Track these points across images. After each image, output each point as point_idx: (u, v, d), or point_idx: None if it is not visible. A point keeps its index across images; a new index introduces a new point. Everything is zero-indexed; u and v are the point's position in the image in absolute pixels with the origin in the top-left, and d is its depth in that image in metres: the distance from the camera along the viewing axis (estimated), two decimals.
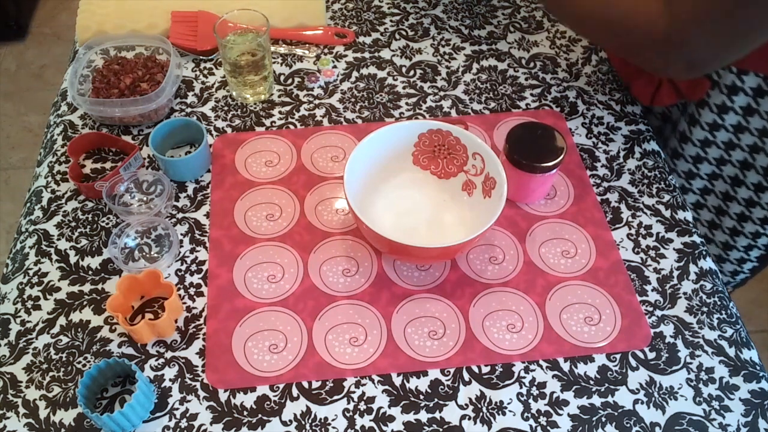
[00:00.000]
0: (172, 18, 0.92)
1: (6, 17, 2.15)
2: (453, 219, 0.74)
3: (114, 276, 0.70)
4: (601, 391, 0.64)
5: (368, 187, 0.73)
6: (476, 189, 0.72)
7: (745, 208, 0.81)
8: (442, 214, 0.74)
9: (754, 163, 0.77)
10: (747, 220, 0.82)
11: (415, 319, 0.68)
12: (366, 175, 0.72)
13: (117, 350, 0.65)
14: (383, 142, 0.72)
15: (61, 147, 0.82)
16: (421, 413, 0.62)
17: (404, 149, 0.75)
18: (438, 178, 0.76)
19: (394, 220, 0.73)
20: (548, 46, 0.94)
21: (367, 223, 0.63)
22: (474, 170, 0.72)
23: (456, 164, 0.74)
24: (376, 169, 0.73)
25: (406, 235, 0.63)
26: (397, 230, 0.70)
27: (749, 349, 0.67)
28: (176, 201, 0.76)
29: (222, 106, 0.86)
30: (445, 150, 0.74)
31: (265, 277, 0.70)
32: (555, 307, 0.69)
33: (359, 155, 0.69)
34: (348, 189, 0.66)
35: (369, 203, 0.72)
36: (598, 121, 0.85)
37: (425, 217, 0.74)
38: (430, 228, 0.73)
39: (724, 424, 0.62)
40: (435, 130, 0.73)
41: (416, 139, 0.74)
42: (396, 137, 0.73)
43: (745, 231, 0.84)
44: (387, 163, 0.74)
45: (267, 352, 0.65)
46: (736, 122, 0.75)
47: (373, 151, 0.72)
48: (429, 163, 0.76)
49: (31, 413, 0.62)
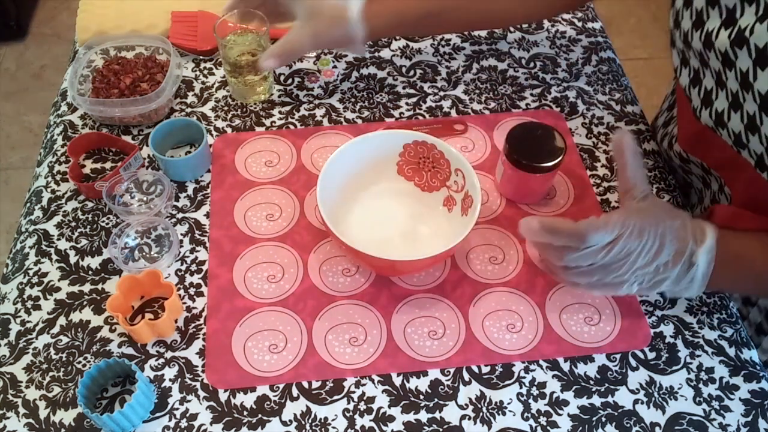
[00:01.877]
0: (172, 18, 0.92)
1: (6, 17, 2.15)
2: (429, 232, 0.73)
3: (114, 276, 0.70)
4: (601, 391, 0.64)
5: (346, 193, 0.72)
6: (456, 206, 0.72)
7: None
8: (418, 226, 0.73)
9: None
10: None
11: (415, 319, 0.68)
12: (345, 181, 0.71)
13: (117, 350, 0.65)
14: (366, 149, 0.72)
15: (61, 147, 0.82)
16: (421, 413, 0.62)
17: (389, 158, 0.74)
18: (421, 190, 0.75)
19: (368, 228, 0.72)
20: (548, 46, 0.94)
21: (334, 230, 0.63)
22: (456, 186, 0.72)
23: (439, 178, 0.73)
24: (356, 175, 0.72)
25: (378, 246, 0.62)
26: (370, 240, 0.70)
27: (749, 348, 0.67)
28: (176, 201, 0.76)
29: (222, 106, 0.86)
30: (430, 163, 0.73)
31: (265, 277, 0.70)
32: (555, 307, 0.69)
33: (338, 161, 0.69)
34: (321, 194, 0.65)
35: (346, 210, 0.72)
36: (598, 121, 0.85)
37: (401, 229, 0.73)
38: (405, 240, 0.72)
39: (724, 424, 0.62)
40: (420, 141, 0.72)
41: (401, 149, 0.74)
42: (380, 145, 0.73)
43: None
44: (368, 171, 0.73)
45: (267, 352, 0.65)
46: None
47: (353, 158, 0.71)
48: (413, 175, 0.75)
49: (31, 413, 0.62)
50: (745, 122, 0.61)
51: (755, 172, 0.63)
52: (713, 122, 0.66)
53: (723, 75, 0.61)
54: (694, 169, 0.77)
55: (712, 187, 0.75)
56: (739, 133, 0.62)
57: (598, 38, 0.95)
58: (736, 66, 0.59)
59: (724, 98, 0.63)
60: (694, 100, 0.69)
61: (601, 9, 0.88)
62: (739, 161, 0.65)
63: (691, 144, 0.74)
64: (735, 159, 0.65)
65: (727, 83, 0.61)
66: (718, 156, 0.69)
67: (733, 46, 0.58)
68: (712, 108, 0.65)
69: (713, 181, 0.74)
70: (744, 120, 0.61)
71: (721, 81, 0.62)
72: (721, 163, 0.70)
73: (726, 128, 0.64)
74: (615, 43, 0.99)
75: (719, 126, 0.65)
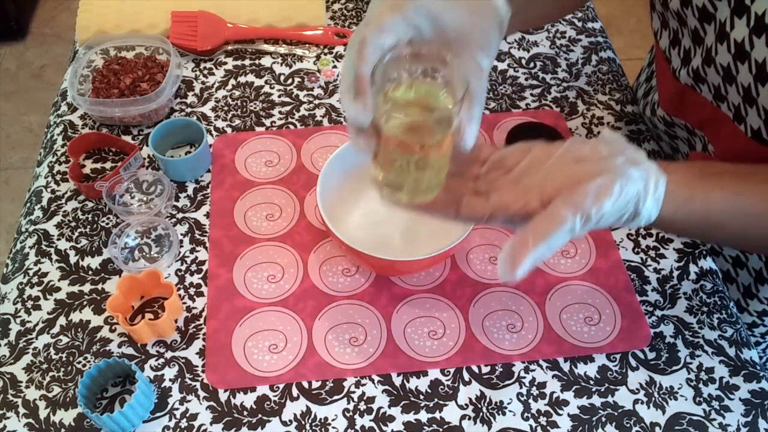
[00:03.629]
0: (172, 18, 0.92)
1: (6, 17, 2.15)
2: (429, 232, 0.72)
3: (114, 276, 0.70)
4: (601, 391, 0.64)
5: (346, 193, 0.72)
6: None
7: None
8: (417, 226, 0.73)
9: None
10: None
11: (414, 319, 0.68)
12: (345, 181, 0.71)
13: (117, 350, 0.65)
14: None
15: (61, 147, 0.82)
16: (421, 413, 0.62)
17: None
18: None
19: (367, 228, 0.72)
20: (548, 46, 0.94)
21: (334, 230, 0.62)
22: None
23: None
24: (356, 175, 0.72)
25: (378, 246, 0.62)
26: (370, 240, 0.69)
27: (749, 348, 0.67)
28: (176, 201, 0.76)
29: (222, 106, 0.86)
30: None
31: (265, 277, 0.70)
32: (555, 307, 0.69)
33: (338, 161, 0.68)
34: (321, 194, 0.65)
35: (346, 210, 0.72)
36: (598, 121, 0.85)
37: (401, 229, 0.73)
38: (405, 240, 0.72)
39: (724, 424, 0.62)
40: None
41: None
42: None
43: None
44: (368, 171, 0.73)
45: (267, 352, 0.65)
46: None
47: (353, 158, 0.70)
48: None
49: (31, 413, 0.62)
50: (721, 74, 0.61)
51: (734, 125, 0.63)
52: (692, 79, 0.67)
53: (700, 31, 0.62)
54: (679, 132, 0.77)
55: (696, 147, 0.75)
56: (717, 86, 0.63)
57: (598, 38, 0.95)
58: (716, 18, 0.59)
59: (700, 55, 0.64)
60: (674, 61, 0.69)
61: (601, 9, 0.88)
62: (718, 116, 0.65)
63: (673, 105, 0.74)
64: (715, 114, 0.66)
65: (705, 39, 0.62)
66: (699, 114, 0.70)
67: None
68: (690, 66, 0.66)
69: (697, 142, 0.74)
70: (720, 72, 0.61)
71: (698, 38, 0.63)
72: (703, 120, 0.70)
73: (705, 83, 0.65)
74: (615, 43, 0.99)
75: (698, 82, 0.66)
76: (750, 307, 0.76)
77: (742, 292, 0.76)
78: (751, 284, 0.75)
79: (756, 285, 0.74)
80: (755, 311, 0.76)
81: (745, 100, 0.60)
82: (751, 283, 0.75)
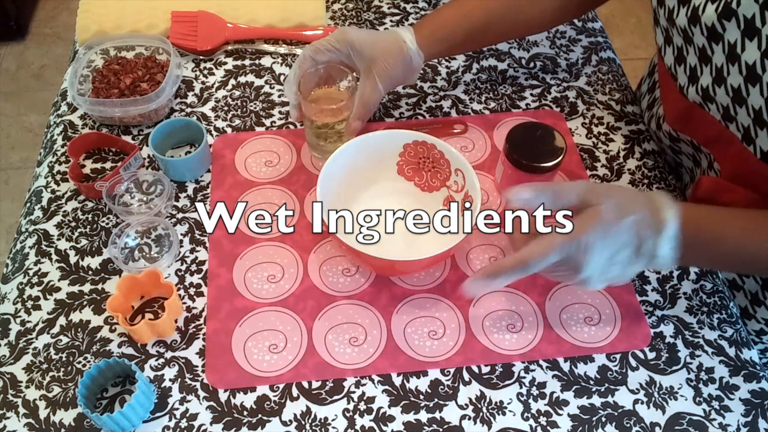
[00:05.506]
0: (172, 18, 0.92)
1: (6, 17, 2.15)
2: (428, 233, 0.72)
3: (114, 276, 0.70)
4: (601, 391, 0.64)
5: (346, 193, 0.72)
6: (456, 206, 0.71)
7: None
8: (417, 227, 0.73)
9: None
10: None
11: (414, 319, 0.68)
12: (345, 181, 0.71)
13: (117, 350, 0.65)
14: (366, 149, 0.71)
15: (61, 147, 0.82)
16: (421, 413, 0.62)
17: (389, 158, 0.74)
18: (421, 190, 0.75)
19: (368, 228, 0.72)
20: (548, 46, 0.94)
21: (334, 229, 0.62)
22: (456, 186, 0.71)
23: (439, 178, 0.73)
24: (356, 175, 0.72)
25: (378, 246, 0.62)
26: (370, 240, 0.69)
27: (749, 348, 0.67)
28: (176, 201, 0.76)
29: (222, 106, 0.86)
30: (430, 163, 0.73)
31: (265, 277, 0.70)
32: (555, 307, 0.69)
33: (338, 160, 0.69)
34: (321, 194, 0.65)
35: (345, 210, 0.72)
36: (598, 121, 0.85)
37: (401, 229, 0.72)
38: (405, 240, 0.72)
39: (724, 424, 0.62)
40: (420, 141, 0.72)
41: (401, 149, 0.73)
42: (380, 145, 0.73)
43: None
44: (368, 171, 0.73)
45: (267, 352, 0.65)
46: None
47: (353, 158, 0.71)
48: (413, 175, 0.75)
49: (31, 413, 0.62)
50: (731, 95, 0.61)
51: (742, 146, 0.63)
52: (701, 98, 0.66)
53: (708, 50, 0.62)
54: (684, 148, 0.77)
55: (702, 164, 0.75)
56: (727, 106, 0.63)
57: (598, 38, 0.95)
58: (724, 39, 0.59)
59: (708, 73, 0.63)
60: (680, 78, 0.69)
61: (601, 9, 0.88)
62: (726, 135, 0.65)
63: (679, 122, 0.74)
64: (723, 134, 0.66)
65: (712, 58, 0.62)
66: (706, 132, 0.70)
67: (721, 19, 0.59)
68: (698, 84, 0.66)
69: (703, 159, 0.74)
70: (730, 93, 0.61)
71: (705, 56, 0.63)
72: (710, 139, 0.70)
73: (714, 103, 0.65)
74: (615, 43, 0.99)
75: (707, 101, 0.66)
76: (758, 314, 0.76)
77: (750, 300, 0.76)
78: (758, 291, 0.75)
79: (763, 292, 0.74)
80: (763, 318, 0.75)
81: (755, 122, 0.60)
82: (758, 291, 0.75)
